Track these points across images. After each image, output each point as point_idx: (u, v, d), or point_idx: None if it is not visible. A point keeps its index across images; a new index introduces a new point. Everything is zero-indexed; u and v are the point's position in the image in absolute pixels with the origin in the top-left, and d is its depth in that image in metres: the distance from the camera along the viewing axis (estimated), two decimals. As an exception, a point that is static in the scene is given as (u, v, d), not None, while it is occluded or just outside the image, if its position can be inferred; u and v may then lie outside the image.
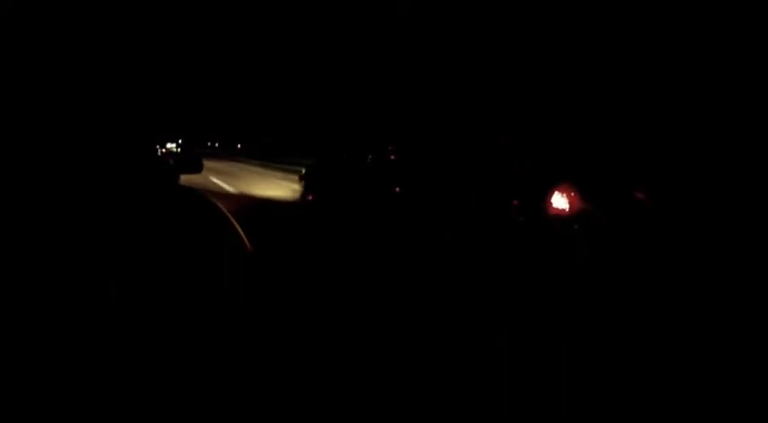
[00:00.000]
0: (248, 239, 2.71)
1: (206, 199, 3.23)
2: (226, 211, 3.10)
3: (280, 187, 18.34)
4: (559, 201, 7.64)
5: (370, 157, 11.24)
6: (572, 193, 7.65)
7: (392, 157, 10.69)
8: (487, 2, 16.72)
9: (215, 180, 20.01)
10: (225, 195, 15.26)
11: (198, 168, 4.18)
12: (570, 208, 7.61)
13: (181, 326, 1.91)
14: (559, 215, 7.59)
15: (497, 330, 5.00)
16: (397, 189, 9.97)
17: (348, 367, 3.93)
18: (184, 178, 4.23)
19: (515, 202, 8.28)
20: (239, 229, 2.80)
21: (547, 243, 7.66)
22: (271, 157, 34.93)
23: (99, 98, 3.10)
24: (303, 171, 13.34)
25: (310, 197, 12.59)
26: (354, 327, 4.86)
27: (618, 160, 8.91)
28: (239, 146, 39.84)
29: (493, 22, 16.21)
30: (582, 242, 7.52)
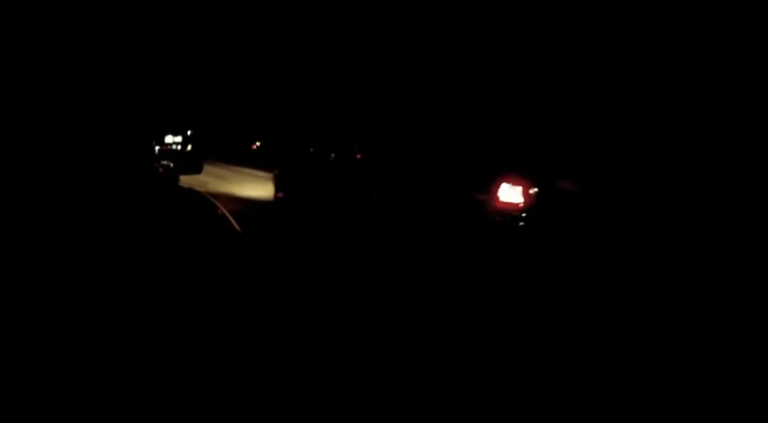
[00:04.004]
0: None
1: (205, 199, 3.30)
2: (225, 210, 3.18)
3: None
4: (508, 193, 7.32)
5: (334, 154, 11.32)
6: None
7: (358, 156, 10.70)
8: (487, 2, 16.75)
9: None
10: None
11: (197, 169, 4.20)
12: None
13: (180, 324, 1.95)
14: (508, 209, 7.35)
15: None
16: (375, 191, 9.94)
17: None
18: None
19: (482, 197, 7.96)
20: (238, 228, 2.87)
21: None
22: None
23: (96, 98, 3.09)
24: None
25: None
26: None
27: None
28: (257, 144, 34.94)
29: (491, 23, 16.24)
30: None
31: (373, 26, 20.03)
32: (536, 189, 7.52)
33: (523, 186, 7.36)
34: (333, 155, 11.51)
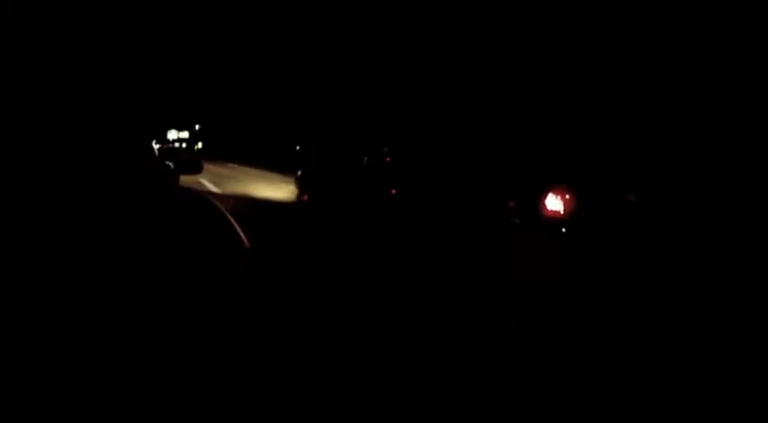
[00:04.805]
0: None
1: (205, 199, 3.34)
2: (224, 210, 3.22)
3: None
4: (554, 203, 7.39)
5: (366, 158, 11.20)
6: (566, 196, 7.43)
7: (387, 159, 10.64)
8: (487, 2, 16.77)
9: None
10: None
11: (197, 169, 4.26)
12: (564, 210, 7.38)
13: (181, 324, 1.97)
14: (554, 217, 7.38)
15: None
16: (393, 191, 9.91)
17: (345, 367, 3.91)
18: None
19: (511, 203, 8.05)
20: (237, 228, 2.92)
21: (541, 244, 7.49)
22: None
23: (93, 96, 3.05)
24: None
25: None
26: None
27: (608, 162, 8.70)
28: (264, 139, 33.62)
29: (492, 23, 16.26)
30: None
31: (373, 26, 20.05)
32: (582, 199, 7.55)
33: (568, 196, 7.48)
34: (366, 158, 11.32)
